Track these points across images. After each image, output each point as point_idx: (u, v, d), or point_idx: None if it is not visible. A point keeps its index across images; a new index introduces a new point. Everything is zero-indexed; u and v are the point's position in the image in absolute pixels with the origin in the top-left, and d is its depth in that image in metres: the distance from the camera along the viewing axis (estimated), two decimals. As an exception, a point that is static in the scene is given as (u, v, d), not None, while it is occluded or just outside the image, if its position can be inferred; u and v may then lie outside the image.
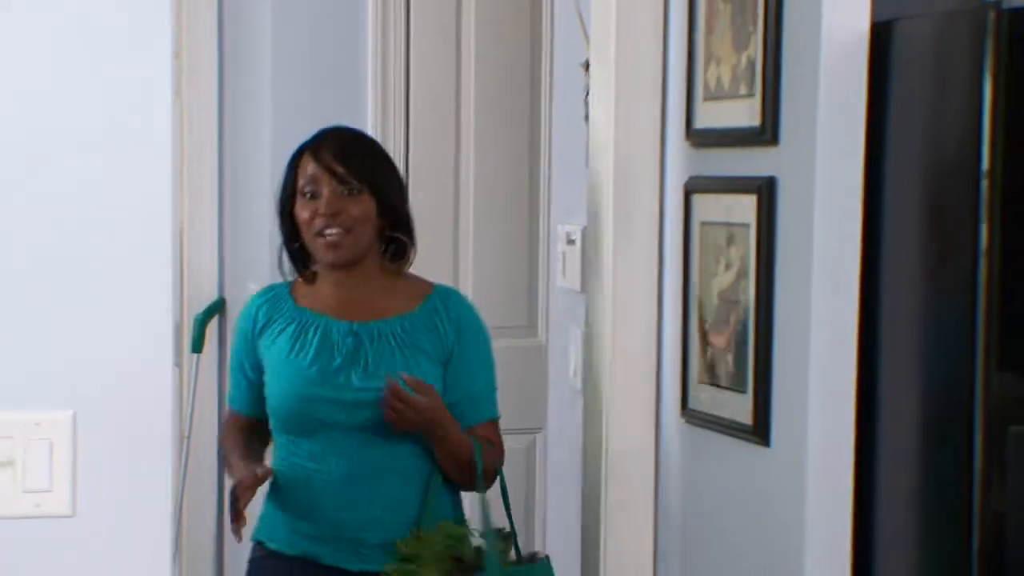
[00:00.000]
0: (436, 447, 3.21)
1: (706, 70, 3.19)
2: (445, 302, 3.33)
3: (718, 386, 3.17)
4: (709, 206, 3.20)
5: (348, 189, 3.17)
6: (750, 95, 3.01)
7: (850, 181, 2.78)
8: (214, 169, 5.54)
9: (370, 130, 4.65)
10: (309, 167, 3.20)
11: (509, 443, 4.61)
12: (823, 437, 2.79)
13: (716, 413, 3.18)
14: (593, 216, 3.48)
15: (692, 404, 3.30)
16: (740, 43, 3.05)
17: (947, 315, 2.67)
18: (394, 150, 4.63)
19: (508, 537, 3.27)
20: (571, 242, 3.74)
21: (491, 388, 3.40)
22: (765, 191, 2.94)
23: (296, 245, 3.29)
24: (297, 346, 3.23)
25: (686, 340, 3.30)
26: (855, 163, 2.77)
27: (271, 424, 3.31)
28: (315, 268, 3.31)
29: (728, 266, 3.11)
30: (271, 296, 3.37)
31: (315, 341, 3.22)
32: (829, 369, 2.79)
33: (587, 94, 3.61)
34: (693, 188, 3.24)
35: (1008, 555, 2.53)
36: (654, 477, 3.53)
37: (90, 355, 2.17)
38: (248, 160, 5.06)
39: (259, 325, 3.31)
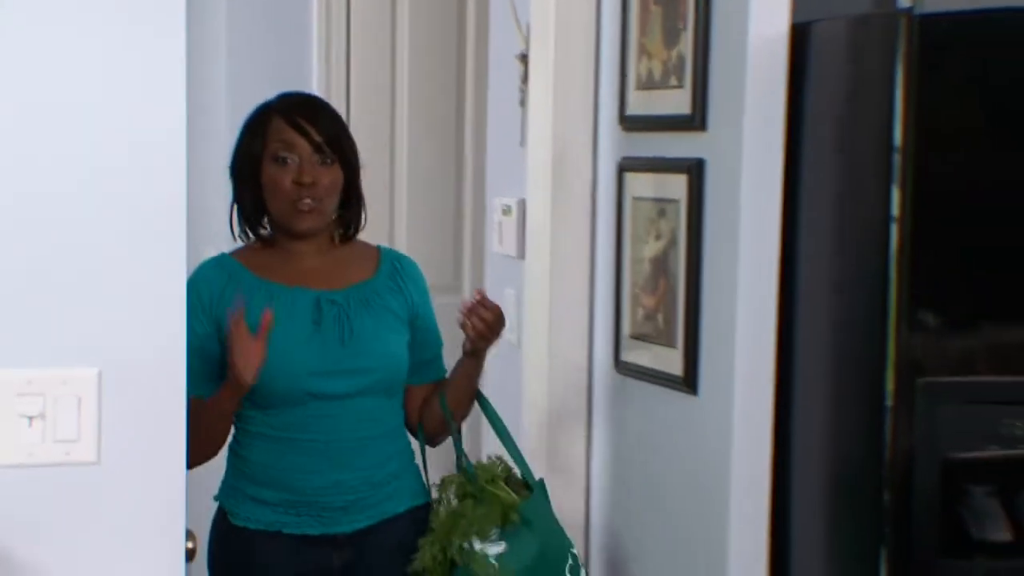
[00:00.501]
0: (474, 371, 2.95)
1: (638, 63, 3.17)
2: (398, 263, 3.01)
3: (649, 342, 3.16)
4: (641, 183, 3.19)
5: (323, 158, 2.80)
6: (680, 86, 3.00)
7: (772, 162, 2.78)
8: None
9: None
10: (284, 132, 2.80)
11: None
12: (746, 386, 2.81)
13: (648, 366, 3.17)
14: (532, 190, 3.46)
15: (624, 358, 3.28)
16: (671, 40, 3.04)
17: (860, 278, 2.69)
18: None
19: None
20: (507, 213, 3.72)
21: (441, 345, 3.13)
22: (695, 171, 2.95)
23: (256, 210, 2.89)
24: (274, 319, 2.71)
25: (619, 301, 3.29)
26: (776, 147, 2.78)
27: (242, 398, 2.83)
28: (265, 234, 2.91)
29: (659, 236, 3.11)
30: (220, 269, 2.89)
31: (292, 312, 2.79)
32: (752, 325, 2.81)
33: (522, 82, 3.59)
34: (625, 167, 3.23)
35: (915, 488, 2.56)
36: (587, 426, 3.51)
37: (113, 319, 2.15)
38: (201, 129, 4.94)
39: (215, 299, 2.81)
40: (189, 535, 2.29)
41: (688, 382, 2.95)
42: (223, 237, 4.60)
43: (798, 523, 2.84)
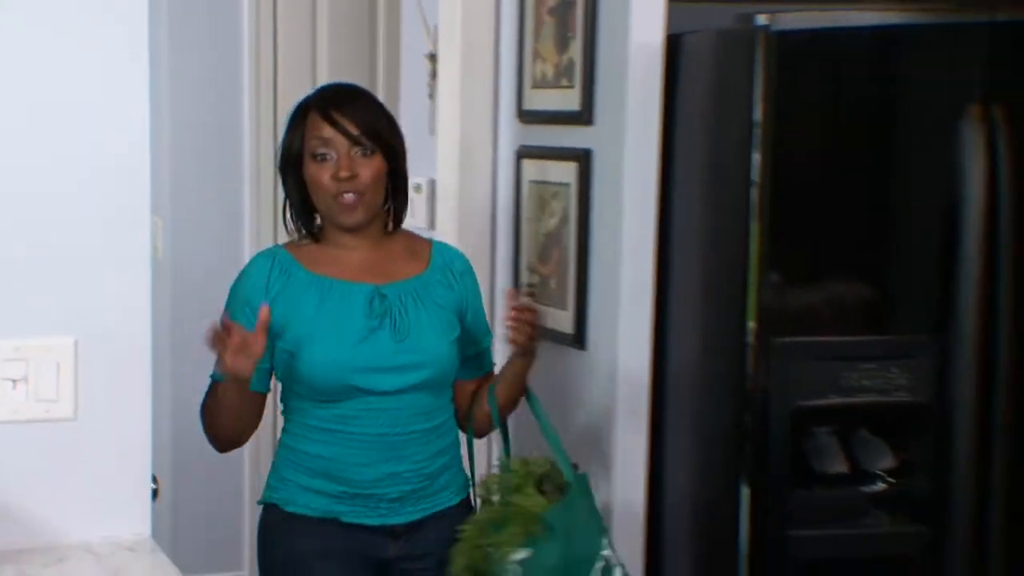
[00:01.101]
0: (526, 370, 2.56)
1: (534, 66, 3.16)
2: (448, 257, 2.59)
3: (544, 305, 3.10)
4: (536, 169, 3.18)
5: (362, 150, 2.39)
6: (571, 86, 2.99)
7: (649, 152, 2.79)
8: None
9: (245, 98, 4.56)
10: (321, 128, 2.40)
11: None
12: (628, 341, 2.83)
13: (544, 326, 3.04)
14: (441, 172, 3.44)
15: None
16: (562, 47, 3.03)
17: (725, 251, 2.71)
18: (261, 124, 4.55)
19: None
20: (418, 191, 3.71)
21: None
22: (583, 159, 2.96)
23: (304, 206, 2.49)
24: (326, 313, 2.40)
25: (517, 270, 3.27)
26: (653, 138, 2.79)
27: (292, 391, 2.49)
28: (316, 229, 2.51)
29: (552, 215, 3.10)
30: (275, 262, 2.47)
31: (345, 308, 2.41)
32: (633, 290, 2.83)
33: (430, 78, 3.57)
34: (523, 155, 3.22)
35: (770, 430, 2.61)
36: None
37: (87, 294, 2.14)
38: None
39: (273, 293, 2.42)
40: (154, 478, 2.29)
41: (578, 339, 2.96)
42: (166, 209, 4.57)
43: (672, 456, 2.87)
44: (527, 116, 3.22)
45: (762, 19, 2.53)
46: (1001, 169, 2.63)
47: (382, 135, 2.42)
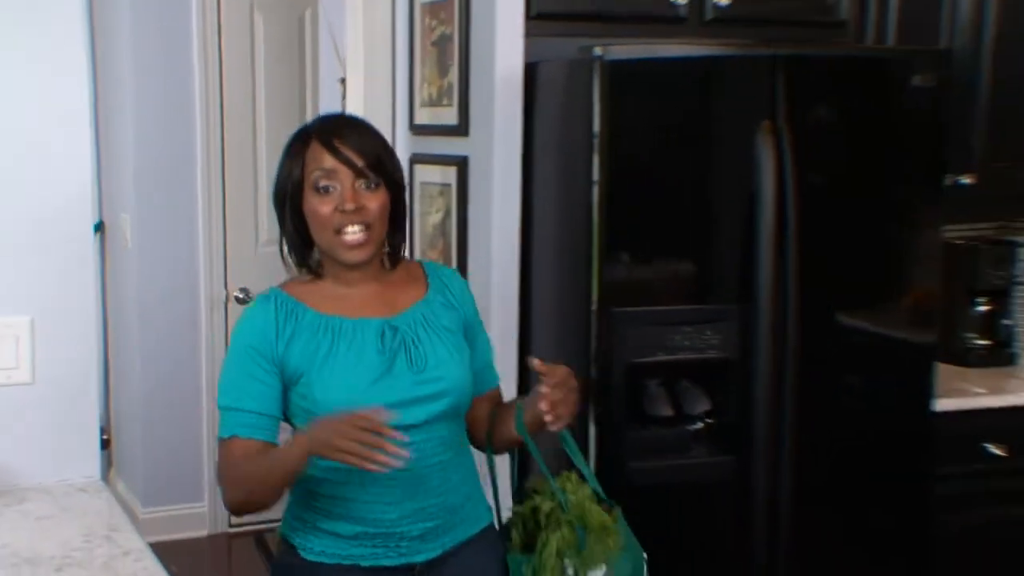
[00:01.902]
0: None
1: (422, 88, 3.17)
2: (442, 277, 2.04)
3: None
4: (426, 173, 3.17)
5: (367, 183, 1.83)
6: (450, 105, 3.01)
7: (513, 158, 2.80)
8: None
9: (197, 117, 4.50)
10: (324, 159, 1.82)
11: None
12: (498, 310, 2.79)
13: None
14: None
15: None
16: (443, 72, 3.04)
17: (574, 237, 2.69)
18: (211, 139, 4.51)
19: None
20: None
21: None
22: (461, 164, 2.96)
23: (301, 240, 1.91)
24: (341, 354, 1.85)
25: (412, 255, 3.20)
26: (516, 146, 2.80)
27: None
28: (314, 264, 1.93)
29: (439, 210, 3.11)
30: (278, 305, 1.88)
31: (357, 346, 1.86)
32: (502, 269, 2.83)
33: (342, 98, 3.57)
34: (415, 160, 3.21)
35: (612, 382, 2.61)
36: None
37: (40, 281, 2.14)
38: (113, 101, 4.73)
39: (284, 339, 1.86)
40: (104, 430, 2.27)
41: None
42: (133, 209, 4.51)
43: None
44: (417, 129, 3.22)
45: (598, 50, 2.53)
46: (787, 169, 2.64)
47: (386, 167, 1.88)
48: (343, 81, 3.52)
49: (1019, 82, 3.32)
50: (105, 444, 2.36)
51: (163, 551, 1.84)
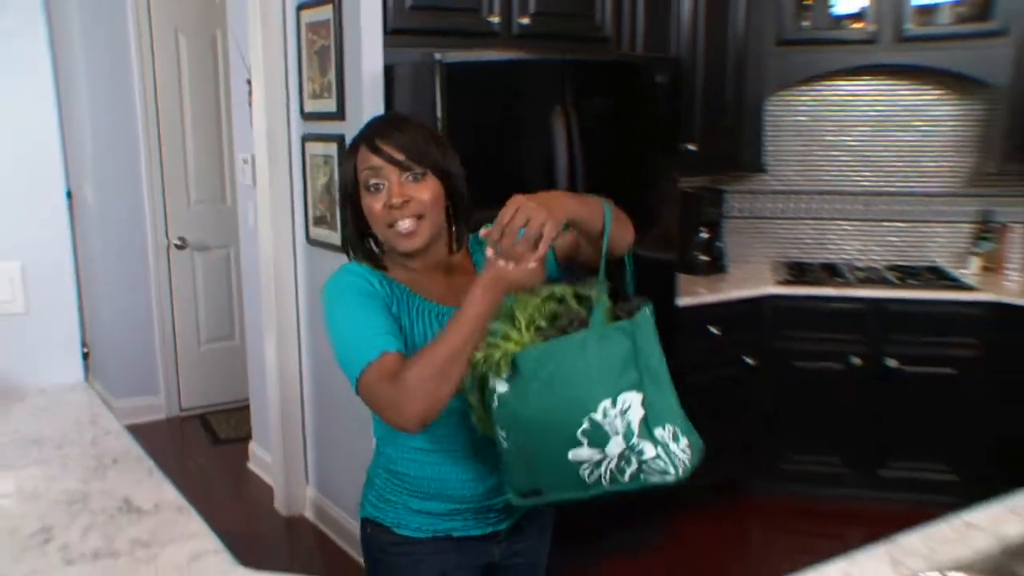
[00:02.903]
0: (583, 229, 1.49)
1: (309, 84, 3.11)
2: (478, 246, 1.62)
3: (324, 227, 3.11)
4: (314, 147, 3.13)
5: (412, 175, 1.48)
6: (330, 97, 2.96)
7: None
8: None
9: (137, 102, 4.37)
10: (369, 159, 1.49)
11: (216, 255, 4.48)
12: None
13: (325, 240, 3.09)
14: (258, 150, 3.36)
15: (313, 236, 3.19)
16: (324, 72, 3.00)
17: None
18: (148, 120, 4.38)
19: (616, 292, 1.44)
20: (245, 162, 3.68)
21: None
22: (340, 141, 2.93)
23: (359, 234, 1.55)
24: (428, 336, 1.48)
25: (306, 207, 3.19)
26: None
27: None
28: (377, 257, 1.55)
29: (325, 175, 3.08)
30: (371, 273, 1.51)
31: (429, 327, 1.50)
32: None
33: (248, 95, 3.53)
34: (306, 139, 3.17)
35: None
36: (294, 275, 3.35)
37: (28, 234, 2.10)
38: (72, 100, 4.55)
39: (393, 298, 1.49)
40: (84, 343, 2.26)
41: (345, 249, 2.92)
42: (92, 173, 4.37)
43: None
44: (307, 115, 3.16)
45: (438, 55, 2.46)
46: (575, 141, 2.69)
47: (430, 156, 1.50)
48: (249, 81, 3.47)
49: (721, 80, 3.59)
50: (85, 356, 2.33)
51: (132, 431, 1.88)
